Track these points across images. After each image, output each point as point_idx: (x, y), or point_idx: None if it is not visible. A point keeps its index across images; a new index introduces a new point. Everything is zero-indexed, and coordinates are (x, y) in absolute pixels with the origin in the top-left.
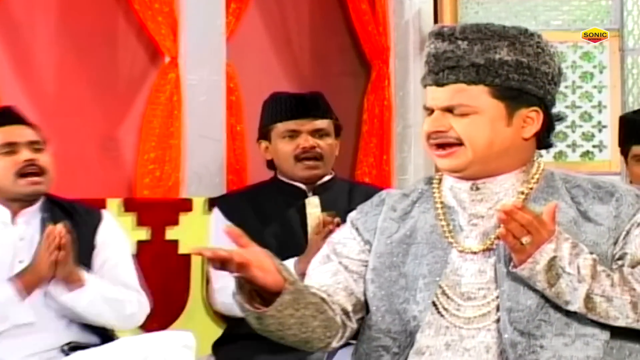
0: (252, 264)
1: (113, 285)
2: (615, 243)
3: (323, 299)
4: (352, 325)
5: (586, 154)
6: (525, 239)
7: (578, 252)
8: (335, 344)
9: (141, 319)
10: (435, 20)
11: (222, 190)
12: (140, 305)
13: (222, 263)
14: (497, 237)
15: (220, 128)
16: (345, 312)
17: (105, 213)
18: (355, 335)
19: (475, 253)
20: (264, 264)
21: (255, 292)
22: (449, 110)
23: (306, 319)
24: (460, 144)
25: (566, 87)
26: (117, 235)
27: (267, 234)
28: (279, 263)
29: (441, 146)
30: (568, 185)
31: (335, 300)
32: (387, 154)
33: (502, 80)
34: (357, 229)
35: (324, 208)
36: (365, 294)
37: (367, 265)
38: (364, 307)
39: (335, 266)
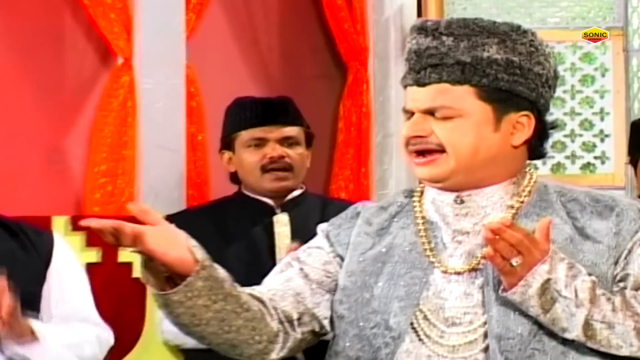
0: (146, 235)
1: (67, 323)
2: (616, 263)
3: (257, 298)
4: (296, 335)
5: (587, 166)
6: (515, 260)
7: (575, 273)
8: (275, 355)
9: (101, 357)
10: (419, 17)
11: (181, 207)
12: (100, 343)
13: (115, 237)
14: (485, 256)
15: (179, 137)
16: (289, 320)
17: (57, 237)
18: (308, 350)
19: (460, 273)
20: (170, 239)
21: (171, 277)
22: (431, 112)
23: (227, 314)
24: (442, 150)
25: (564, 91)
26: (72, 262)
27: (230, 255)
28: (195, 244)
29: (421, 153)
30: (563, 199)
31: (277, 305)
32: (366, 167)
33: (490, 81)
34: (328, 239)
35: (293, 226)
36: (331, 311)
37: (331, 277)
38: (315, 320)
39: (293, 273)
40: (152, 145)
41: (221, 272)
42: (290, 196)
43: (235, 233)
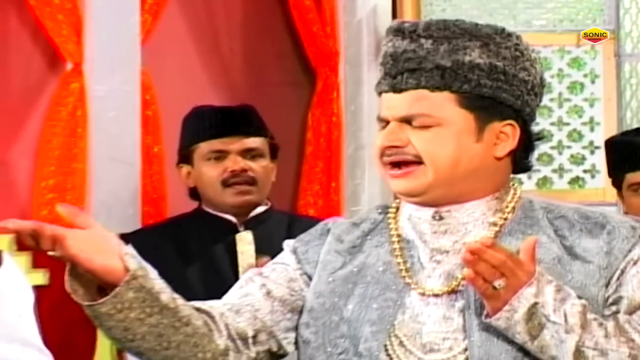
0: (68, 238)
1: (8, 344)
2: (607, 284)
3: (204, 312)
4: (250, 354)
5: (575, 180)
6: (498, 283)
7: (564, 296)
8: None
9: None
10: (394, 19)
11: (136, 224)
12: None
13: (35, 240)
14: (465, 278)
15: (134, 149)
16: (242, 338)
17: (5, 256)
18: None
19: (438, 296)
20: (98, 245)
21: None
22: (408, 121)
23: (164, 329)
24: (419, 162)
25: (551, 99)
26: (20, 283)
27: (190, 277)
28: (128, 252)
29: (397, 165)
30: (550, 216)
31: (229, 321)
32: (336, 181)
33: (472, 87)
34: (296, 255)
35: (258, 245)
36: (294, 332)
37: (295, 295)
38: (272, 339)
39: (253, 288)
40: (104, 157)
41: (157, 283)
42: (254, 212)
43: (195, 253)
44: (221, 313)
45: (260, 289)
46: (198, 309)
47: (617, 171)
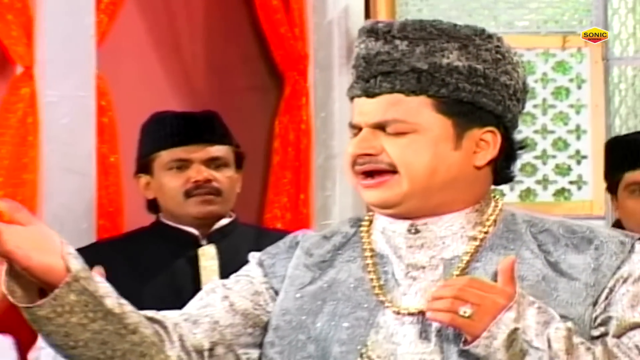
0: (4, 234)
1: None
2: (595, 303)
3: (156, 321)
4: None
5: (561, 192)
6: (463, 310)
7: (547, 319)
8: None
9: None
10: (367, 20)
11: (91, 239)
12: None
13: None
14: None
15: (89, 159)
16: (198, 350)
17: None
18: None
19: (414, 314)
20: (39, 242)
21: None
22: (381, 127)
23: (109, 336)
24: (393, 171)
25: (535, 106)
26: None
27: (148, 294)
28: (71, 252)
29: (370, 174)
30: (534, 230)
31: (184, 332)
32: (305, 193)
33: (450, 91)
34: (263, 268)
35: (222, 260)
36: (257, 350)
37: (259, 310)
38: (230, 353)
39: (215, 299)
40: (56, 168)
41: (102, 286)
42: (217, 225)
43: (153, 269)
44: (175, 323)
45: (222, 300)
46: (149, 318)
47: (615, 171)
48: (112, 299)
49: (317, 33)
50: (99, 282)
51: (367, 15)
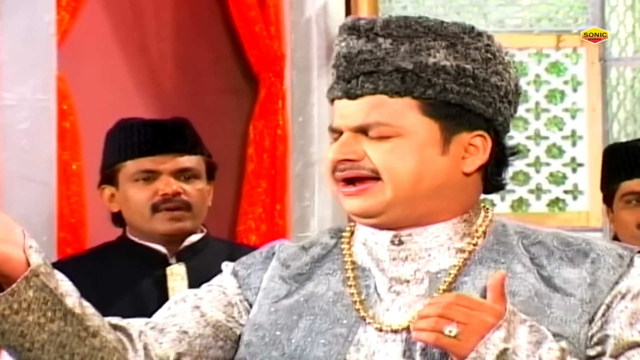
0: None
1: None
2: (591, 321)
3: (119, 328)
4: None
5: (555, 202)
6: (448, 329)
7: (540, 339)
8: None
9: None
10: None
11: (51, 253)
12: None
13: None
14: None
15: (49, 167)
16: None
17: None
18: None
19: (397, 332)
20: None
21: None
22: (363, 131)
23: (67, 338)
24: (376, 177)
25: (527, 110)
26: None
27: (112, 316)
28: (33, 245)
29: (351, 181)
30: (526, 242)
31: (149, 341)
32: (282, 203)
33: (437, 92)
34: (237, 279)
35: (192, 280)
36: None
37: (232, 322)
38: None
39: (184, 308)
40: (14, 176)
41: (63, 284)
42: (187, 242)
43: (118, 289)
44: (140, 331)
45: (192, 310)
46: (113, 324)
47: (611, 180)
48: (73, 298)
49: (295, 32)
50: (60, 279)
51: (348, 12)
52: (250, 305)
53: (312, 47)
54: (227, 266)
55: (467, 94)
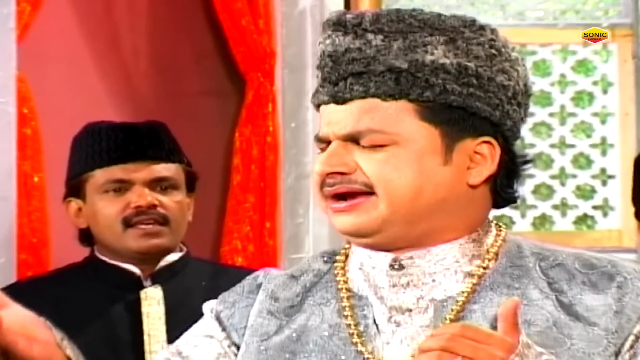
0: (4, 319)
1: None
2: (617, 353)
3: None
4: None
5: (583, 219)
6: None
7: None
8: None
9: None
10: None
11: (10, 276)
12: None
13: None
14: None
15: (8, 178)
16: None
17: None
18: None
19: None
20: (31, 328)
21: None
22: (354, 140)
23: None
24: (370, 192)
25: (551, 114)
26: None
27: (79, 347)
28: (64, 338)
29: (342, 197)
30: (544, 265)
31: None
32: (272, 220)
33: (436, 94)
34: (220, 323)
35: (169, 305)
36: None
37: None
38: None
39: None
40: None
41: None
42: (164, 261)
43: (85, 315)
44: None
45: None
46: None
47: None
48: None
49: (286, 25)
50: None
51: (347, 4)
52: (239, 349)
53: (306, 43)
54: (208, 309)
55: (471, 95)
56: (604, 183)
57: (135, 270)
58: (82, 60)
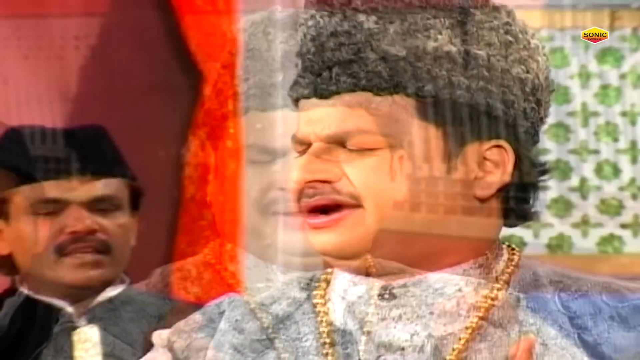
0: None
1: None
2: None
3: None
4: None
5: (609, 240)
6: None
7: None
8: None
9: None
10: None
11: None
12: None
13: None
14: None
15: None
16: None
17: None
18: None
19: None
20: None
21: None
22: (340, 142)
23: None
24: (356, 204)
25: (570, 114)
26: None
27: None
28: None
29: (323, 210)
30: (565, 296)
31: None
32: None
33: (439, 88)
34: (173, 353)
35: (108, 348)
36: None
37: None
38: None
39: None
40: None
41: None
42: (102, 297)
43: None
44: None
45: None
46: None
47: None
48: None
49: (251, 5)
50: None
51: None
52: None
53: None
54: (159, 339)
55: (480, 89)
56: (634, 197)
57: (67, 307)
58: (7, 51)
